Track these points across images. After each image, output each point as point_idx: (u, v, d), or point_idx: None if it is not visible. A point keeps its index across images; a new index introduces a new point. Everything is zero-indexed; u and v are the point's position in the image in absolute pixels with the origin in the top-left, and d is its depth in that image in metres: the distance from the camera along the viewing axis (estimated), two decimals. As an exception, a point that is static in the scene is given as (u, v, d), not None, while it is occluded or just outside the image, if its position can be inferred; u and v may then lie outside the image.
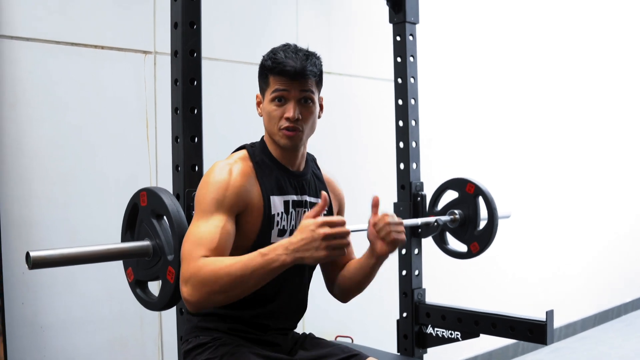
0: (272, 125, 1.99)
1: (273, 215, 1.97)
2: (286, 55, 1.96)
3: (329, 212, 2.14)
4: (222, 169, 1.93)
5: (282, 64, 1.94)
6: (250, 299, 1.93)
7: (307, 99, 1.97)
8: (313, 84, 1.99)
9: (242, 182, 1.93)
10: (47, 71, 2.67)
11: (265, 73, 2.00)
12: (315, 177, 2.14)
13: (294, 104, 1.95)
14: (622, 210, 6.50)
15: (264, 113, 2.02)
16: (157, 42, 2.96)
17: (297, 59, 1.95)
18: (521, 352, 5.01)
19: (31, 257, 1.77)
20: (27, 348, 2.60)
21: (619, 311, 6.48)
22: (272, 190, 1.98)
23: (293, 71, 1.93)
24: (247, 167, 1.98)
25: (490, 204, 2.97)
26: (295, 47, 2.01)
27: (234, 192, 1.90)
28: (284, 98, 1.96)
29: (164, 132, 2.90)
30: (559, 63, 5.55)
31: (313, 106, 1.99)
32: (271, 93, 1.97)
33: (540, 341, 2.62)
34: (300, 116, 1.95)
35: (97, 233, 2.72)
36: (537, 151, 5.28)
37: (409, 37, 3.07)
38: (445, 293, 3.61)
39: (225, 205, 1.88)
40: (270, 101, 1.98)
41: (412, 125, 3.06)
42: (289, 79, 1.94)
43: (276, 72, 1.95)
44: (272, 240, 1.96)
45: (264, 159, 2.02)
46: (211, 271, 1.73)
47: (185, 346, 2.05)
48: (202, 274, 1.74)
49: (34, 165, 2.63)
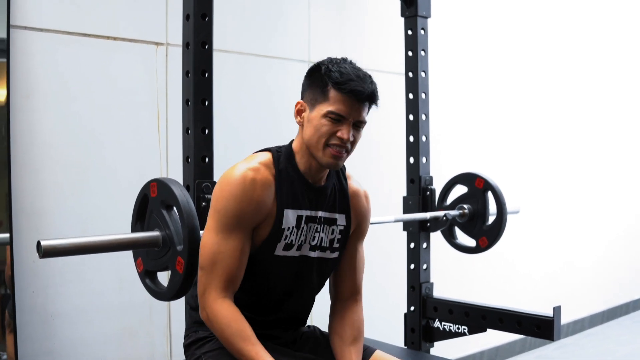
0: (318, 140, 1.89)
1: (283, 229, 1.93)
2: (353, 72, 1.87)
3: (347, 228, 2.08)
4: (246, 177, 1.88)
5: (354, 82, 1.85)
6: (254, 308, 1.95)
7: (362, 123, 1.91)
8: (368, 109, 1.92)
9: (263, 195, 1.89)
10: (59, 62, 2.68)
11: (325, 84, 1.88)
12: (337, 191, 2.06)
13: (349, 126, 1.87)
14: (631, 206, 6.47)
15: (308, 124, 1.91)
16: (168, 34, 2.96)
17: (366, 81, 1.87)
18: (528, 347, 5.01)
19: (42, 246, 1.78)
20: (37, 336, 2.62)
21: (627, 308, 6.47)
22: (287, 203, 1.94)
23: (364, 95, 1.86)
24: (269, 176, 1.92)
25: (500, 199, 2.97)
26: (356, 65, 1.92)
27: (256, 209, 1.89)
28: (342, 118, 1.86)
29: (175, 123, 2.91)
30: (571, 59, 5.53)
31: (362, 129, 1.93)
32: (328, 108, 1.86)
33: (547, 337, 2.63)
34: (353, 139, 1.90)
35: (107, 223, 2.74)
36: (546, 146, 5.27)
37: (421, 31, 3.07)
38: (453, 287, 3.61)
39: (245, 221, 1.88)
40: (323, 116, 1.87)
41: (422, 119, 3.06)
42: (357, 101, 1.86)
43: (345, 90, 1.84)
44: (275, 252, 1.94)
45: (287, 167, 1.95)
46: (223, 329, 1.84)
47: (185, 340, 2.08)
48: (216, 324, 1.85)
49: (45, 156, 2.64)
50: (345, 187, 2.08)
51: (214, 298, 1.85)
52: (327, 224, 2.02)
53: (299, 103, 1.95)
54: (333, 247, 2.04)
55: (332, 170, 2.05)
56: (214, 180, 2.21)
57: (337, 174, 2.08)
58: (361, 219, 2.13)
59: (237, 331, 1.84)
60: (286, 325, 2.08)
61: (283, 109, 3.36)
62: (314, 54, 3.53)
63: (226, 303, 1.86)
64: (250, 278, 1.93)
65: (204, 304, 1.87)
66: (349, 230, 2.08)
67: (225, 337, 1.84)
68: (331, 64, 1.90)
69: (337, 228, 2.04)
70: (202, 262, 1.88)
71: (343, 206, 2.06)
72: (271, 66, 3.36)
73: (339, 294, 2.12)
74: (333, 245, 2.04)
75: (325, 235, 2.02)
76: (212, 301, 1.85)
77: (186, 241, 1.89)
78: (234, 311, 1.86)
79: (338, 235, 2.05)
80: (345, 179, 2.10)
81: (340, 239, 2.06)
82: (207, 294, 1.86)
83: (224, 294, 1.86)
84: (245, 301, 1.95)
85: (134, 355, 2.89)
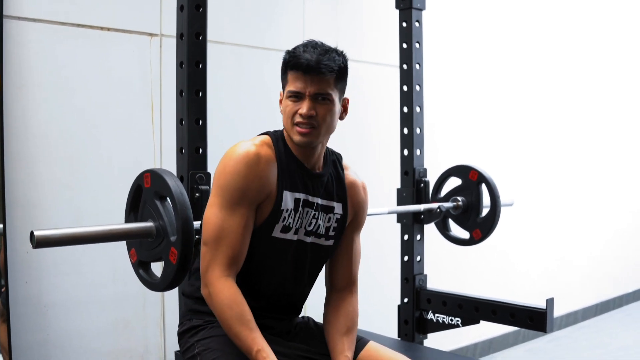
0: (287, 122, 1.94)
1: (282, 210, 1.94)
2: (305, 49, 1.91)
3: (343, 218, 2.09)
4: (249, 152, 1.90)
5: (297, 57, 1.89)
6: (249, 294, 1.94)
7: (324, 97, 1.90)
8: (331, 81, 1.91)
9: (267, 171, 1.91)
10: (53, 53, 2.67)
11: (284, 68, 1.95)
12: (334, 180, 2.08)
13: (308, 101, 1.89)
14: (626, 201, 6.49)
15: (281, 110, 1.98)
16: (163, 25, 2.96)
17: (314, 53, 1.89)
18: (521, 340, 5.03)
19: (35, 236, 1.78)
20: (31, 327, 2.62)
21: (620, 301, 6.49)
22: (286, 185, 1.96)
23: (306, 64, 1.87)
24: (272, 154, 1.95)
25: (493, 191, 2.98)
26: (317, 43, 1.95)
27: (260, 184, 1.90)
28: (300, 94, 1.90)
29: (169, 114, 2.90)
30: (568, 51, 5.53)
31: (330, 104, 1.92)
32: (287, 89, 1.92)
33: (540, 329, 2.64)
34: (315, 112, 1.90)
35: (101, 214, 2.74)
36: (542, 140, 5.27)
37: (415, 23, 3.07)
38: (447, 280, 3.62)
39: (250, 197, 1.89)
40: (286, 97, 1.93)
41: (416, 111, 3.06)
42: (303, 73, 1.88)
43: (291, 65, 1.90)
44: (273, 233, 1.95)
45: (284, 151, 1.98)
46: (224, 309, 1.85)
47: (180, 328, 2.08)
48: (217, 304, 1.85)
49: (39, 147, 2.64)
50: (342, 176, 2.10)
51: (217, 276, 1.86)
52: (324, 211, 2.03)
53: (280, 94, 2.00)
54: (328, 235, 2.05)
55: (329, 159, 2.07)
56: (207, 171, 2.21)
57: (334, 163, 2.09)
58: (358, 209, 2.14)
59: (237, 314, 1.84)
60: (280, 314, 2.08)
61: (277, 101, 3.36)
62: (308, 45, 3.51)
63: (229, 282, 1.86)
64: (247, 260, 1.94)
65: (207, 281, 1.87)
66: (345, 219, 2.09)
67: (225, 319, 1.85)
68: (290, 49, 1.95)
69: (334, 216, 2.06)
70: (207, 238, 1.88)
71: (340, 195, 2.08)
72: (267, 58, 3.36)
73: (334, 284, 2.13)
74: (329, 233, 2.05)
75: (322, 222, 2.03)
76: (216, 279, 1.85)
77: (179, 232, 1.89)
78: (236, 292, 1.86)
79: (334, 223, 2.06)
80: (342, 169, 2.11)
81: (336, 227, 2.07)
82: (211, 271, 1.86)
83: (227, 272, 1.87)
84: (241, 286, 1.95)
85: (128, 346, 2.90)
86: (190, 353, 2.00)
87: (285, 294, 2.07)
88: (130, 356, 2.90)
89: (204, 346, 1.95)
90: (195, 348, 1.98)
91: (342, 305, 2.09)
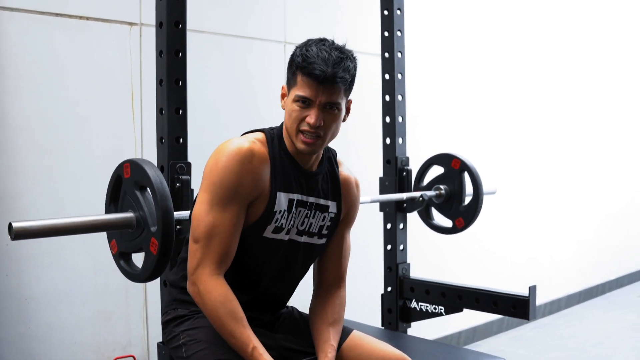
0: (291, 126, 1.89)
1: (275, 211, 1.93)
2: (318, 54, 1.83)
3: (337, 216, 2.08)
4: (242, 149, 1.86)
5: (311, 65, 1.82)
6: (236, 287, 1.93)
7: (333, 106, 1.86)
8: (342, 91, 1.87)
9: (260, 168, 1.89)
10: (32, 42, 2.64)
11: (293, 68, 1.88)
12: (329, 177, 2.06)
13: (317, 110, 1.85)
14: (610, 189, 6.53)
15: (285, 109, 1.92)
16: (142, 14, 2.93)
17: (329, 61, 1.82)
18: (505, 327, 5.05)
19: (14, 227, 1.76)
20: (12, 320, 2.60)
21: (603, 288, 6.54)
22: (280, 186, 1.93)
23: (322, 77, 1.82)
24: (265, 153, 1.92)
25: (476, 179, 2.98)
26: (331, 45, 1.88)
27: (253, 181, 1.88)
28: (310, 101, 1.85)
29: (150, 104, 2.89)
30: (551, 38, 5.54)
31: (338, 113, 1.89)
32: (296, 92, 1.86)
33: (522, 316, 2.65)
34: (323, 122, 1.86)
35: (82, 205, 2.71)
36: (525, 129, 5.29)
37: (397, 11, 3.06)
38: (430, 268, 3.62)
39: (242, 195, 1.87)
40: (293, 100, 1.87)
41: (398, 100, 3.05)
42: (317, 83, 1.83)
43: (304, 72, 1.83)
44: (264, 234, 1.93)
45: (279, 150, 1.95)
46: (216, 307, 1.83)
47: (163, 318, 2.07)
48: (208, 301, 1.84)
49: (18, 138, 2.61)
50: (336, 173, 2.08)
51: (208, 273, 1.84)
52: (318, 210, 2.02)
53: (283, 87, 1.95)
54: (321, 234, 2.04)
55: (324, 156, 2.04)
56: (188, 161, 2.19)
57: (329, 160, 2.07)
58: (351, 206, 2.13)
59: (230, 311, 1.83)
60: (265, 308, 2.08)
61: (260, 90, 3.35)
62: (290, 34, 3.50)
63: (220, 280, 1.85)
64: (236, 257, 1.92)
65: (197, 279, 1.85)
66: (339, 217, 2.08)
67: (218, 316, 1.83)
68: (302, 47, 1.89)
69: (328, 215, 2.04)
70: (197, 235, 1.86)
71: (335, 193, 2.06)
72: (247, 47, 3.34)
73: (323, 279, 2.12)
74: (322, 231, 2.04)
75: (315, 221, 2.02)
76: (207, 277, 1.84)
77: (160, 222, 1.88)
78: (227, 290, 1.85)
79: (328, 222, 2.05)
80: (336, 166, 2.09)
81: (329, 226, 2.06)
82: (202, 269, 1.85)
83: (218, 270, 1.85)
84: (229, 279, 1.95)
85: (110, 339, 2.88)
86: (175, 343, 1.99)
87: (272, 291, 2.06)
88: (113, 348, 2.88)
89: (190, 337, 1.94)
90: (180, 338, 1.97)
91: (329, 298, 2.09)
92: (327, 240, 2.07)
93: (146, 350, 2.99)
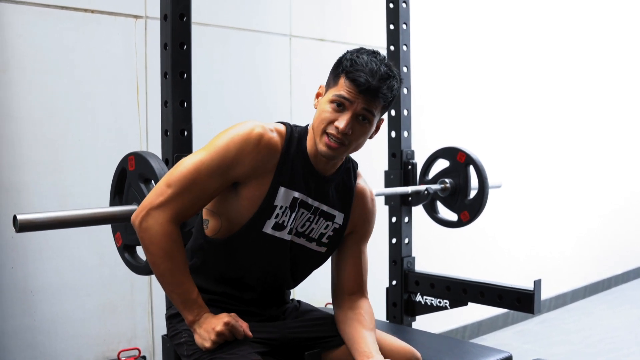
0: (318, 125, 1.86)
1: (275, 206, 1.89)
2: (368, 64, 1.82)
3: (341, 228, 2.03)
4: (254, 131, 1.83)
5: (358, 72, 1.81)
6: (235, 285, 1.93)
7: (365, 118, 1.84)
8: (379, 106, 1.85)
9: (263, 157, 1.85)
10: (37, 35, 2.65)
11: (338, 70, 1.86)
12: (342, 187, 2.02)
13: (349, 117, 1.82)
14: (615, 183, 6.51)
15: (318, 108, 1.89)
16: (147, 7, 2.93)
17: (377, 74, 1.81)
18: (510, 322, 5.05)
19: (18, 220, 1.77)
20: (17, 312, 2.61)
21: (609, 283, 6.52)
22: (284, 181, 1.89)
23: (366, 87, 1.80)
24: (278, 144, 1.88)
25: (481, 173, 2.97)
26: (382, 59, 1.86)
27: (250, 164, 1.84)
28: (345, 105, 1.82)
29: (154, 97, 2.87)
30: (556, 34, 5.52)
31: (368, 126, 1.86)
32: (333, 94, 1.83)
33: (527, 310, 2.64)
34: (351, 131, 1.83)
35: (87, 198, 2.72)
36: (530, 123, 5.27)
37: (402, 4, 3.05)
38: (435, 262, 3.63)
39: (233, 171, 1.83)
40: (329, 100, 1.84)
41: (404, 93, 3.05)
42: (358, 90, 1.81)
43: (350, 77, 1.81)
44: (264, 229, 1.90)
45: (296, 147, 1.92)
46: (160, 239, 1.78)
47: (167, 312, 2.07)
48: (157, 242, 1.79)
49: (23, 130, 2.61)
50: (352, 184, 2.05)
51: (166, 218, 1.78)
52: (323, 217, 1.99)
53: (320, 87, 1.93)
54: (321, 242, 2.01)
55: (344, 166, 2.01)
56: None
57: (347, 170, 2.04)
58: (365, 220, 2.09)
59: (181, 263, 1.82)
60: (266, 304, 2.06)
61: (266, 83, 3.35)
62: (295, 27, 3.50)
63: (174, 227, 1.80)
64: (237, 255, 1.92)
65: (151, 215, 1.78)
66: (343, 231, 2.04)
67: (160, 247, 1.79)
68: (353, 52, 1.87)
69: (332, 225, 2.01)
70: (173, 180, 1.80)
71: (345, 205, 2.03)
72: (253, 40, 3.34)
73: (344, 293, 2.08)
74: (322, 239, 2.01)
75: (317, 227, 1.99)
76: (164, 219, 1.78)
77: (164, 215, 1.87)
78: (179, 237, 1.82)
79: (331, 232, 2.01)
80: (355, 178, 2.07)
81: (332, 236, 2.02)
82: (162, 211, 1.78)
83: (175, 220, 1.81)
84: (226, 277, 1.94)
85: (116, 331, 2.89)
86: (177, 340, 1.98)
87: (269, 291, 2.04)
88: (118, 341, 2.89)
89: (191, 337, 1.91)
90: (182, 336, 1.96)
91: (360, 307, 2.05)
92: (327, 250, 2.03)
93: (151, 343, 2.99)
